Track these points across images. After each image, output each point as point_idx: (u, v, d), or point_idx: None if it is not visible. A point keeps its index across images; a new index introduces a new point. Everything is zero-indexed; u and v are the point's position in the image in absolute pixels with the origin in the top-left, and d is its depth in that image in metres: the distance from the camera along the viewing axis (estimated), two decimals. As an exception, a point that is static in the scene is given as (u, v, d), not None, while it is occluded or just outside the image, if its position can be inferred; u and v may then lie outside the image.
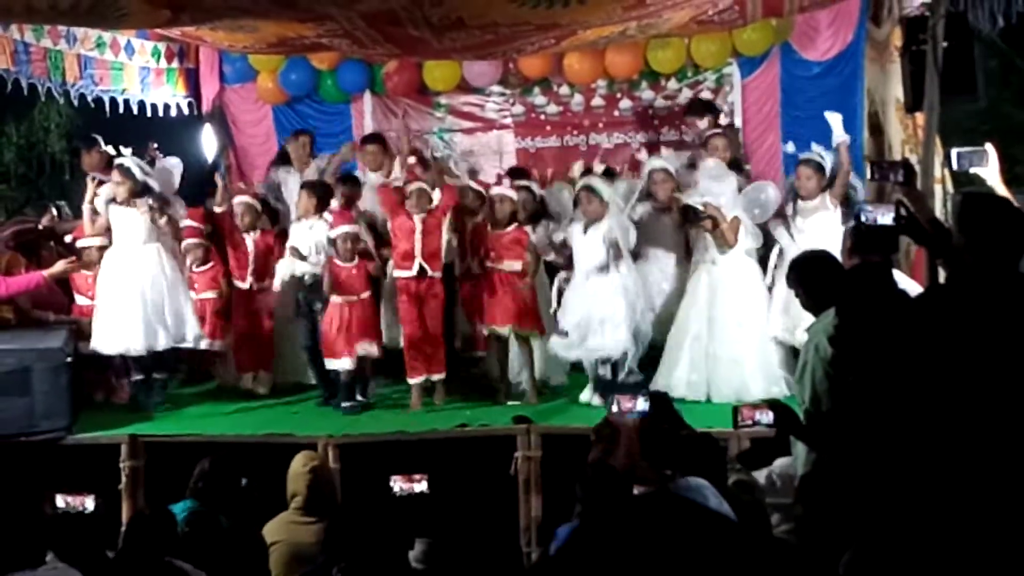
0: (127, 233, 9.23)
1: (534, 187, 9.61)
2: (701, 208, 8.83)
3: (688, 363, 8.76)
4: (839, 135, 9.05)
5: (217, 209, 9.92)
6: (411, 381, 9.10)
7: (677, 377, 8.72)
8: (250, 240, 9.83)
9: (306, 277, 9.42)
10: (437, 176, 9.26)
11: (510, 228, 9.10)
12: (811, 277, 5.85)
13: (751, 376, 8.63)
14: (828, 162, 9.06)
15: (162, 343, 9.19)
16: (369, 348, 9.16)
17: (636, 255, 9.11)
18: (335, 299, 9.11)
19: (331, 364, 9.14)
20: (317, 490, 6.73)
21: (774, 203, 9.24)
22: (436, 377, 9.16)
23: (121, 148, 9.95)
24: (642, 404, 6.38)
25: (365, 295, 9.22)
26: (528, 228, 9.12)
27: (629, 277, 8.80)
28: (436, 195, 9.08)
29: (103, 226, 9.38)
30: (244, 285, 9.86)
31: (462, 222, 9.43)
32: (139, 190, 9.22)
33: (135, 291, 9.12)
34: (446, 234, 9.17)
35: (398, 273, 9.12)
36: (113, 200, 9.29)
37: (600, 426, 6.52)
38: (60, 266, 9.03)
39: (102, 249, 9.49)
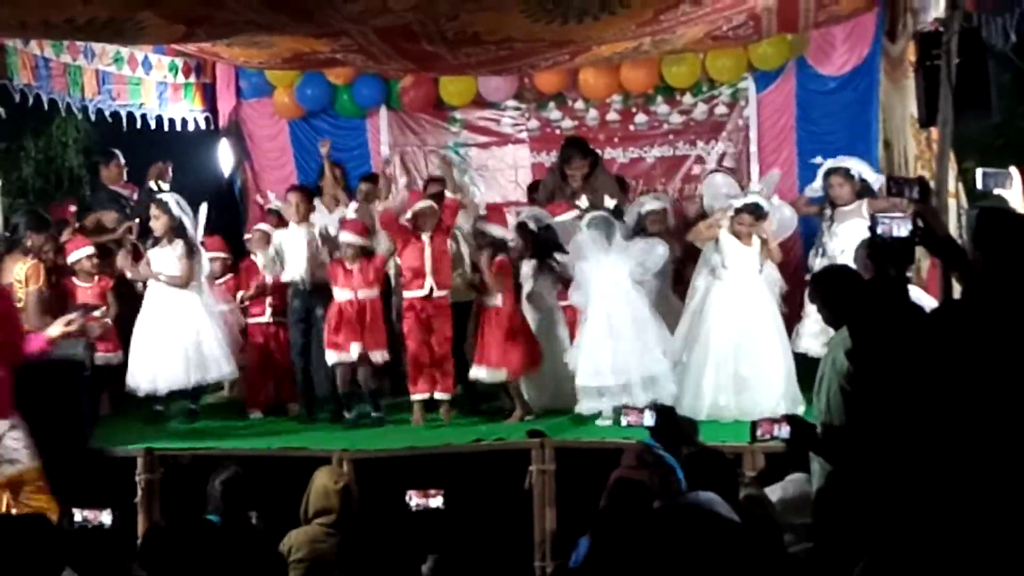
0: (164, 271, 9.25)
1: (531, 224, 9.34)
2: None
3: (714, 386, 8.54)
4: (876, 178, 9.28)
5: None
6: (414, 397, 9.06)
7: (703, 400, 8.49)
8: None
9: (302, 283, 9.42)
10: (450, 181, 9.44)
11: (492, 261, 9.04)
12: (832, 291, 5.79)
13: (781, 396, 8.43)
14: (867, 172, 9.25)
15: (193, 380, 9.23)
16: (374, 354, 9.12)
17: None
18: (338, 295, 9.10)
19: (331, 358, 9.11)
20: (349, 507, 6.66)
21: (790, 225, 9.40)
22: (441, 396, 9.07)
23: (160, 184, 9.97)
24: (649, 418, 6.37)
25: (366, 294, 9.13)
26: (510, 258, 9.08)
27: (648, 307, 8.73)
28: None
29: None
30: (262, 319, 9.81)
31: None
32: (175, 226, 9.24)
33: (171, 330, 9.17)
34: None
35: (408, 293, 9.07)
36: (153, 238, 9.31)
37: (644, 451, 6.43)
38: (57, 328, 7.68)
39: (90, 258, 9.52)
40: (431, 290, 8.96)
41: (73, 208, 10.36)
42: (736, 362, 8.57)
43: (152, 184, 10.06)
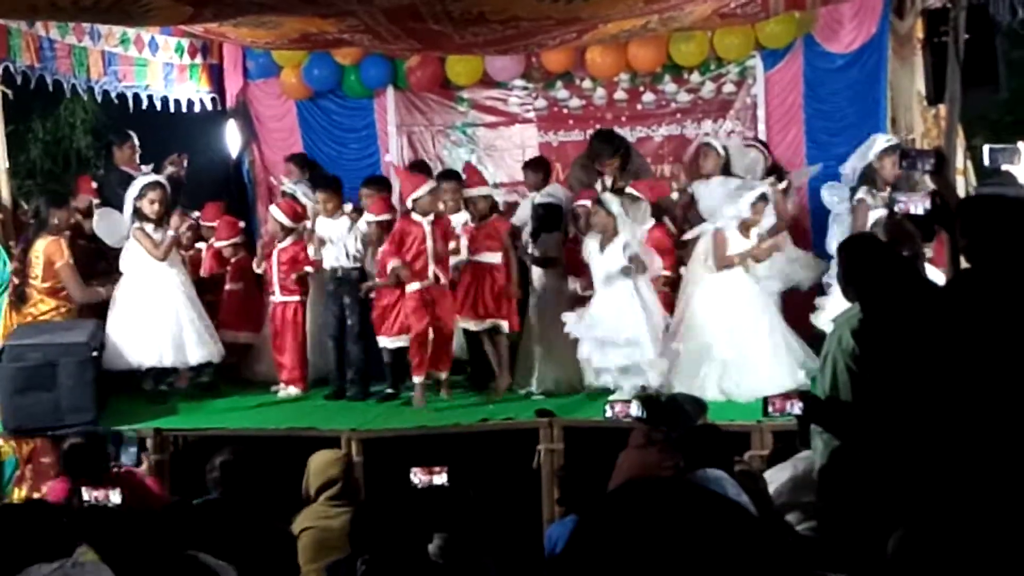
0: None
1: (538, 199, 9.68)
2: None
3: (717, 373, 8.60)
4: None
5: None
6: (417, 379, 8.96)
7: (706, 387, 8.47)
8: (275, 251, 9.79)
9: (339, 271, 9.48)
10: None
11: (486, 221, 9.24)
12: (853, 261, 5.52)
13: (774, 375, 8.48)
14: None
15: (195, 358, 9.38)
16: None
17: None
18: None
19: (382, 341, 9.21)
20: (350, 476, 6.70)
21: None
22: (443, 375, 9.12)
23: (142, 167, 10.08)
24: (635, 409, 6.38)
25: None
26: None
27: (650, 294, 8.80)
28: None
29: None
30: (274, 298, 9.82)
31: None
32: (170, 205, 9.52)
33: (163, 307, 9.28)
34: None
35: (411, 287, 8.92)
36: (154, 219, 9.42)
37: (651, 430, 6.43)
38: None
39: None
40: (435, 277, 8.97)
41: (95, 185, 10.42)
42: (733, 346, 8.64)
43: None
